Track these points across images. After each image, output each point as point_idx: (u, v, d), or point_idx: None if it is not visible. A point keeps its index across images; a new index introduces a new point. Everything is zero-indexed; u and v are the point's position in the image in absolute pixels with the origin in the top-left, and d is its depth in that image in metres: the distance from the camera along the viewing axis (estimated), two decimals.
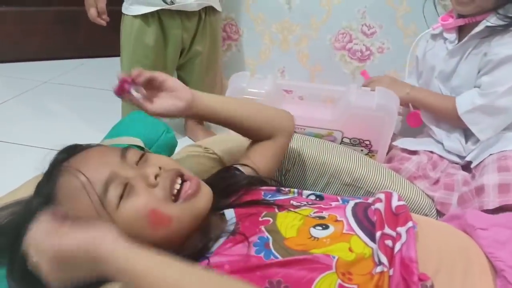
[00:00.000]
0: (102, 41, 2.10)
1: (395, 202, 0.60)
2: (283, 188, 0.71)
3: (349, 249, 0.53)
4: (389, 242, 0.53)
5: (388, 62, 1.58)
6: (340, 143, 1.04)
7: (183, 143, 0.99)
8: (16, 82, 1.97)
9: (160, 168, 0.56)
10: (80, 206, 0.53)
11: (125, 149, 0.59)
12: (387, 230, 0.55)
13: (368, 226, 0.57)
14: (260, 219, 0.59)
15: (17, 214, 0.57)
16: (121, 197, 0.53)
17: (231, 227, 0.58)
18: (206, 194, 0.59)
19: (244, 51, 1.65)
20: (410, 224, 0.55)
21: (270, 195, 0.67)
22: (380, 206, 0.60)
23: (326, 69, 1.66)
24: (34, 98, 1.82)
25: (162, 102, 0.65)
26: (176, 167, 0.59)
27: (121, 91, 0.63)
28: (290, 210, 0.60)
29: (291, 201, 0.64)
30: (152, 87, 0.65)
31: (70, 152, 0.59)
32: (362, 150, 1.04)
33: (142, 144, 0.87)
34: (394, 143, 1.09)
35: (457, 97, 0.99)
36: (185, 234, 0.57)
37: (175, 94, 0.65)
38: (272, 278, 0.50)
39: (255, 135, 0.78)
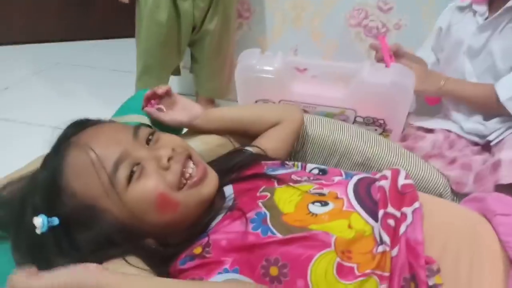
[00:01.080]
0: (115, 23, 2.09)
1: (401, 180, 0.58)
2: (287, 162, 0.70)
3: (349, 225, 0.52)
4: (391, 222, 0.51)
5: (406, 39, 1.51)
6: (353, 123, 1.01)
7: None
8: (29, 63, 1.99)
9: (173, 149, 0.56)
10: (88, 183, 0.52)
11: (137, 127, 0.58)
12: (391, 209, 0.53)
13: (369, 204, 0.55)
14: (258, 194, 0.58)
15: (22, 188, 0.57)
16: (131, 178, 0.52)
17: (230, 203, 0.58)
18: (212, 180, 0.58)
19: (255, 29, 1.62)
20: (416, 204, 0.53)
21: (271, 169, 0.66)
22: (385, 183, 0.58)
23: (341, 47, 1.61)
24: (47, 79, 1.84)
25: (175, 115, 0.76)
26: (187, 148, 0.59)
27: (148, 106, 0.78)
28: (289, 185, 0.59)
29: (292, 176, 0.63)
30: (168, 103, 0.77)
31: (80, 126, 0.58)
32: (376, 130, 1.01)
33: (149, 122, 0.86)
34: (409, 122, 1.06)
35: (496, 84, 0.92)
36: (190, 218, 0.57)
37: (186, 109, 0.76)
38: (269, 256, 0.50)
39: (264, 130, 0.81)
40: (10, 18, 2.15)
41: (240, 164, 0.68)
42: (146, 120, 0.88)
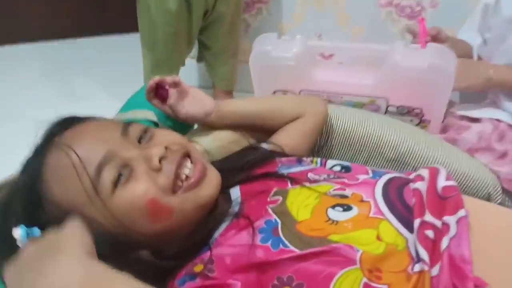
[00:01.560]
0: (133, 17, 2.09)
1: (442, 182, 0.50)
2: (304, 159, 0.62)
3: (377, 237, 0.44)
4: (429, 233, 0.43)
5: (443, 18, 1.37)
6: (385, 113, 0.90)
7: None
8: (45, 62, 1.98)
9: (166, 148, 0.49)
10: (70, 189, 0.46)
11: (128, 124, 0.52)
12: (429, 217, 0.45)
13: (402, 211, 0.47)
14: (269, 198, 0.51)
15: (5, 195, 0.52)
16: (117, 181, 0.46)
17: (236, 208, 0.51)
18: (212, 181, 0.51)
19: (275, 14, 1.52)
20: (462, 212, 0.45)
21: (285, 167, 0.58)
22: (421, 185, 0.48)
23: (370, 30, 1.50)
24: (61, 78, 1.83)
25: (190, 108, 0.67)
26: (185, 145, 0.53)
27: (158, 96, 0.69)
28: (305, 186, 0.51)
29: (309, 174, 0.55)
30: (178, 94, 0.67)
31: (65, 124, 0.52)
32: (411, 120, 0.90)
33: (155, 118, 0.79)
34: (450, 110, 0.93)
35: None
36: (189, 225, 0.50)
37: (199, 101, 0.68)
38: (282, 274, 0.43)
39: (282, 125, 0.74)
40: (24, 16, 2.17)
41: (252, 163, 0.61)
42: (152, 116, 0.81)
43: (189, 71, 1.57)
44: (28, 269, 0.39)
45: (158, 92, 0.69)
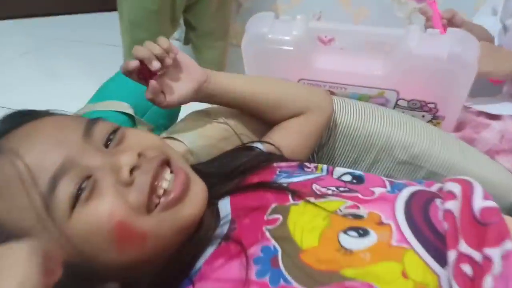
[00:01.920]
0: None
1: (479, 202, 0.40)
2: (307, 164, 0.53)
3: (403, 273, 0.35)
4: (467, 269, 0.35)
5: (457, 1, 1.26)
6: (394, 107, 0.80)
7: (189, 108, 0.78)
8: (23, 39, 1.88)
9: (139, 154, 0.40)
10: (13, 208, 0.36)
11: (92, 121, 0.42)
12: (465, 248, 0.36)
13: (431, 237, 0.38)
14: (266, 217, 0.42)
15: None
16: (77, 198, 0.36)
17: (225, 228, 0.42)
18: (196, 196, 0.42)
19: None
20: (509, 245, 0.34)
21: (285, 175, 0.49)
22: (453, 206, 0.39)
23: (375, 12, 1.40)
24: (37, 57, 1.75)
25: (183, 88, 0.57)
26: (163, 150, 0.43)
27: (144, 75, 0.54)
28: (309, 202, 0.42)
29: (314, 185, 0.45)
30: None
31: (13, 122, 0.42)
32: (423, 116, 0.80)
33: (131, 111, 0.68)
34: (466, 104, 0.83)
35: None
36: (165, 252, 0.41)
37: (187, 74, 0.57)
38: None
39: (282, 118, 0.64)
40: None
41: (245, 167, 0.51)
42: (127, 108, 0.70)
43: None
44: None
45: (141, 70, 0.55)
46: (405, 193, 0.43)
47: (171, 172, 0.42)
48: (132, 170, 0.39)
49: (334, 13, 1.42)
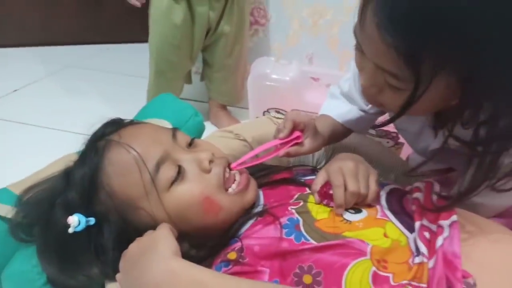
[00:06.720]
0: (126, 27, 2.09)
1: (436, 193, 0.57)
2: (317, 169, 0.70)
3: (384, 234, 0.51)
4: (426, 234, 0.50)
5: None
6: (365, 134, 0.99)
7: (207, 130, 0.95)
8: (40, 65, 1.96)
9: (213, 154, 0.55)
10: (129, 182, 0.51)
11: (175, 129, 0.58)
12: (426, 222, 0.52)
13: (403, 216, 0.54)
14: (291, 201, 0.57)
15: (51, 188, 0.57)
16: (173, 179, 0.51)
17: (260, 208, 0.57)
18: (254, 188, 0.58)
19: (270, 36, 1.61)
20: (454, 217, 0.51)
21: (301, 175, 0.65)
22: (419, 196, 0.57)
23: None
24: (57, 82, 1.82)
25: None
26: (226, 157, 0.58)
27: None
28: None
29: None
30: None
31: (117, 125, 0.57)
32: (388, 142, 1.00)
33: (170, 127, 0.84)
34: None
35: None
36: (228, 223, 0.56)
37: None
38: (303, 263, 0.49)
39: None
40: (23, 20, 2.14)
41: (270, 169, 0.68)
42: (166, 124, 0.85)
43: (187, 85, 1.65)
44: (132, 265, 0.47)
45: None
46: (386, 189, 0.60)
47: (230, 170, 0.57)
48: (209, 163, 0.54)
49: (323, 54, 1.60)
